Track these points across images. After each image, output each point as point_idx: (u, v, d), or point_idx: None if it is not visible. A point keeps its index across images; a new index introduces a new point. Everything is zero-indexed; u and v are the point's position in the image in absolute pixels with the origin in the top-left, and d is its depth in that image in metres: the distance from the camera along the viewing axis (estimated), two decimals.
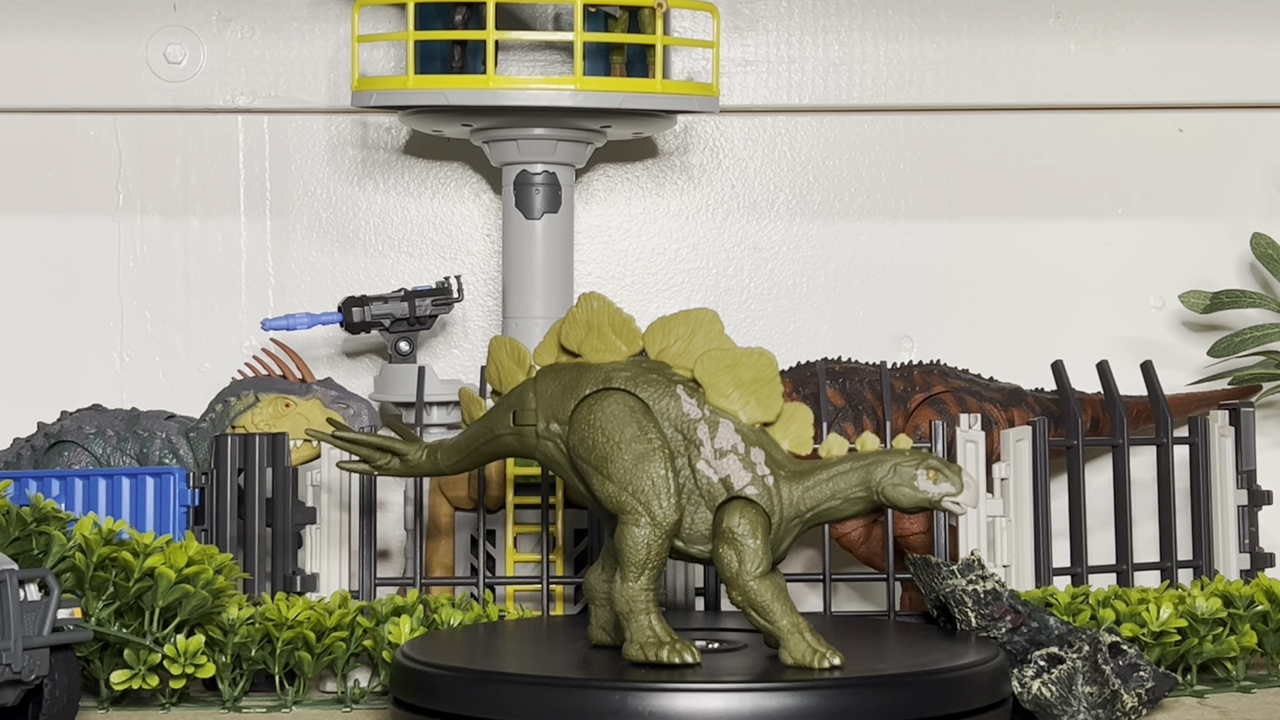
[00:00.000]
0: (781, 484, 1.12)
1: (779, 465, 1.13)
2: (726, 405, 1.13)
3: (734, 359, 1.13)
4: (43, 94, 1.59)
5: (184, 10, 1.59)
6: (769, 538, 1.12)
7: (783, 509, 1.12)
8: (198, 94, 1.60)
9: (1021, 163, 1.62)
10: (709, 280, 1.62)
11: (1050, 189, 1.62)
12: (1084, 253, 1.62)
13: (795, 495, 1.12)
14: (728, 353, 1.14)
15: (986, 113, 1.61)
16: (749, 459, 1.12)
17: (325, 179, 1.61)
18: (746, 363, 1.13)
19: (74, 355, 1.61)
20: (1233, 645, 1.31)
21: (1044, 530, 1.37)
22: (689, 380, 1.14)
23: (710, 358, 1.14)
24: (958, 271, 1.62)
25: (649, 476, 1.11)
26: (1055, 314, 1.62)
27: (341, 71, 1.59)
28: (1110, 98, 1.61)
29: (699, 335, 1.15)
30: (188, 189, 1.61)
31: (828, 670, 1.10)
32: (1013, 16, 1.60)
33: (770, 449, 1.13)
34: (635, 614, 1.13)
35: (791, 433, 1.14)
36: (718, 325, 1.15)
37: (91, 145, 1.61)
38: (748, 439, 1.13)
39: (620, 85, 1.41)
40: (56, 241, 1.61)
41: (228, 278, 1.61)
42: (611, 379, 1.14)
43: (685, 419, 1.13)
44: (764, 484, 1.12)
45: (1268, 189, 1.61)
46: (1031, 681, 1.19)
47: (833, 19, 1.60)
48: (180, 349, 1.61)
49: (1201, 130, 1.62)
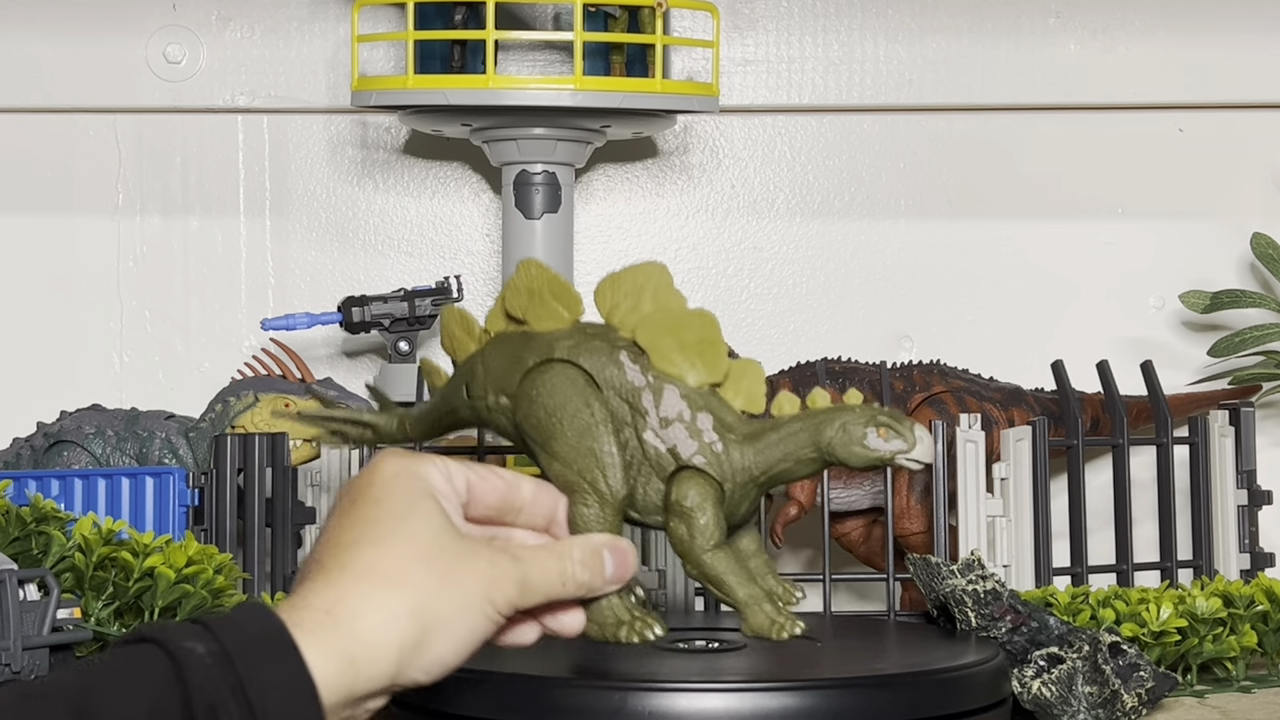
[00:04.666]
0: (732, 448, 1.05)
1: (729, 429, 1.06)
2: (671, 370, 1.06)
3: (675, 321, 1.07)
4: (42, 94, 1.59)
5: (183, 10, 1.59)
6: (721, 507, 1.06)
7: (735, 475, 1.06)
8: (197, 94, 1.60)
9: (1022, 163, 1.62)
10: (709, 280, 1.62)
11: (1050, 189, 1.62)
12: (1084, 253, 1.62)
13: (747, 459, 1.06)
14: (668, 314, 1.07)
15: (986, 113, 1.61)
16: (695, 426, 1.05)
17: (325, 179, 1.61)
18: (688, 324, 1.07)
19: (73, 355, 1.61)
20: (1233, 645, 1.31)
21: (1044, 530, 1.37)
22: (633, 345, 1.07)
23: (651, 321, 1.07)
24: (958, 271, 1.62)
25: (592, 453, 1.06)
26: (1055, 314, 1.62)
27: (341, 71, 1.59)
28: (1110, 98, 1.61)
29: (647, 293, 1.08)
30: (187, 189, 1.61)
31: (786, 639, 1.06)
32: (1013, 16, 1.60)
33: (720, 412, 1.06)
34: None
35: (743, 390, 1.07)
36: (666, 279, 1.08)
37: (91, 145, 1.61)
38: (694, 404, 1.06)
39: (620, 85, 1.41)
40: (56, 241, 1.61)
41: (227, 278, 1.61)
42: (554, 349, 1.08)
43: (630, 387, 1.06)
44: (712, 451, 1.05)
45: (1268, 189, 1.61)
46: (1031, 681, 1.19)
47: (832, 19, 1.60)
48: (180, 349, 1.61)
49: (1202, 130, 1.62)
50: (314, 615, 0.87)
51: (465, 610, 0.91)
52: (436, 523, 0.93)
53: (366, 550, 0.91)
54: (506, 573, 0.93)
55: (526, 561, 0.96)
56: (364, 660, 0.87)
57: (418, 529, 0.92)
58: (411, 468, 0.95)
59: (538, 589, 0.95)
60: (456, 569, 0.92)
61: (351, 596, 0.88)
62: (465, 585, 0.91)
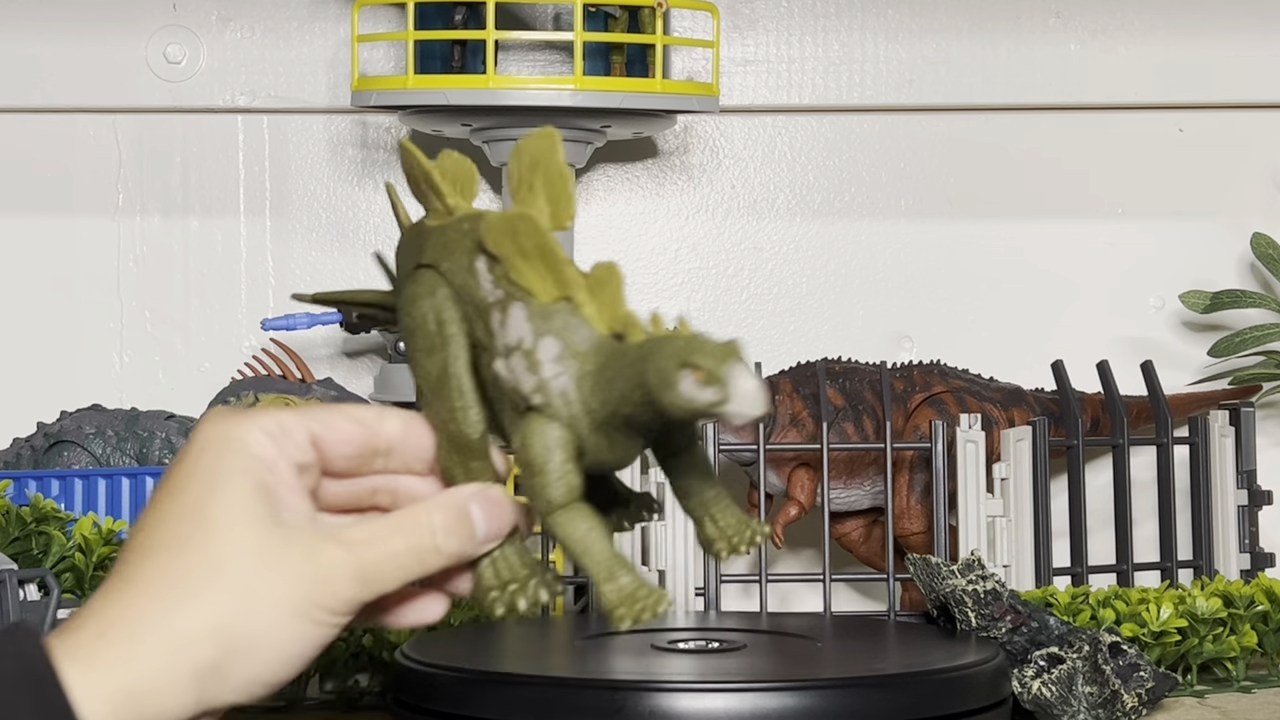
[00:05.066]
0: (583, 382, 0.84)
1: (582, 357, 0.84)
2: (521, 281, 0.85)
3: (512, 224, 0.85)
4: (41, 94, 1.59)
5: (183, 10, 1.59)
6: (573, 457, 0.84)
7: (584, 417, 0.84)
8: (197, 94, 1.60)
9: (1022, 162, 1.62)
10: (709, 280, 1.62)
11: (1050, 189, 1.62)
12: (1084, 253, 1.62)
13: (594, 396, 0.84)
14: (508, 216, 0.85)
15: (987, 112, 1.61)
16: (534, 357, 0.84)
17: (325, 179, 1.61)
18: (524, 228, 0.85)
19: (73, 355, 1.61)
20: (1233, 645, 1.31)
21: (1044, 530, 1.37)
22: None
23: (497, 222, 0.86)
24: (958, 271, 1.62)
25: (444, 385, 0.87)
26: (1055, 314, 1.62)
27: (341, 71, 1.59)
28: (1111, 97, 1.60)
29: (539, 171, 0.87)
30: (187, 189, 1.61)
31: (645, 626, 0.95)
32: (1013, 16, 1.60)
33: (569, 335, 0.84)
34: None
35: (605, 303, 0.85)
36: (556, 152, 0.86)
37: (91, 145, 1.61)
38: (538, 328, 0.85)
39: (620, 85, 1.41)
40: (55, 242, 1.61)
41: (227, 277, 1.61)
42: (424, 250, 0.89)
43: (483, 303, 0.86)
44: (552, 388, 0.84)
45: (1268, 189, 1.61)
46: (1031, 681, 1.19)
47: (833, 19, 1.60)
48: (180, 349, 1.61)
49: (1202, 130, 1.61)
50: (86, 641, 0.73)
51: (281, 620, 0.76)
52: (241, 513, 0.77)
53: (154, 557, 0.76)
54: (335, 567, 0.77)
55: (363, 546, 0.79)
56: (148, 694, 0.73)
57: (217, 525, 0.76)
58: (226, 437, 0.78)
59: (387, 576, 0.79)
60: (266, 572, 0.76)
61: (131, 617, 0.74)
62: (278, 591, 0.76)
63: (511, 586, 0.85)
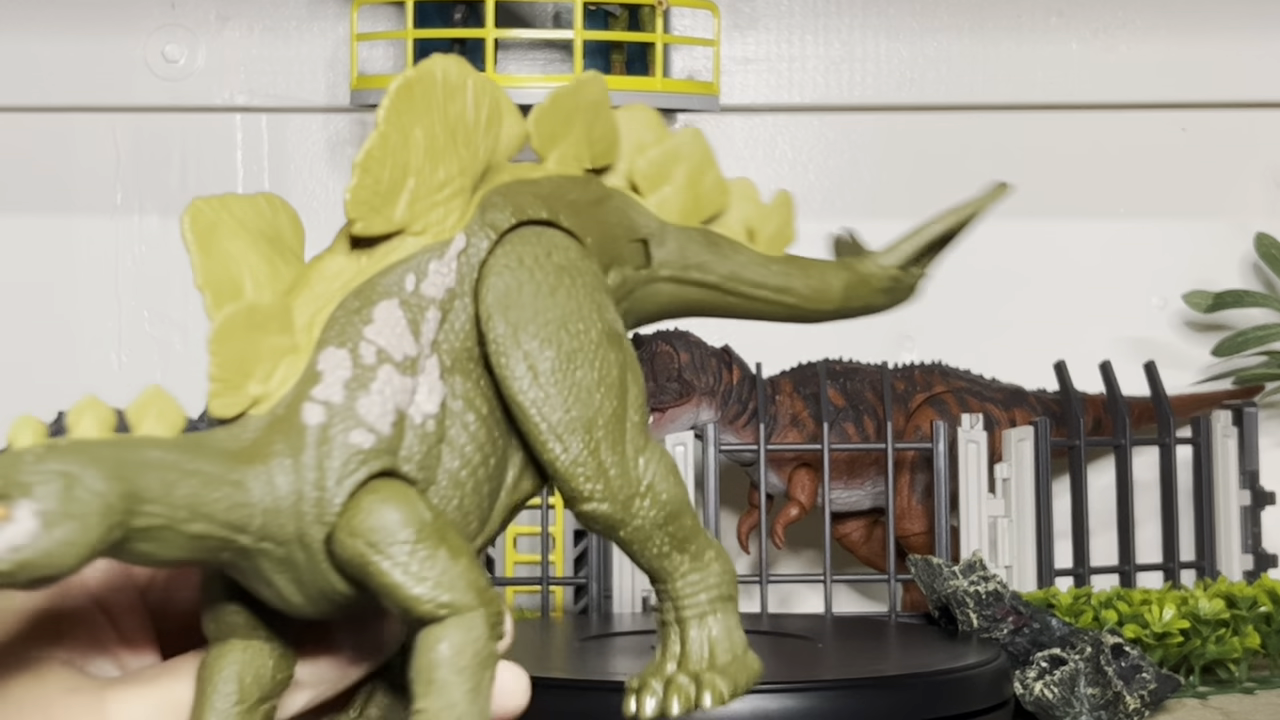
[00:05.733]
0: None
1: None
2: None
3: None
4: (40, 92, 1.59)
5: (182, 9, 1.59)
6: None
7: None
8: (196, 93, 1.59)
9: (1023, 162, 1.61)
10: None
11: (1052, 188, 1.61)
12: (1085, 252, 1.61)
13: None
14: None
15: (988, 111, 1.61)
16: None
17: (324, 178, 1.61)
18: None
19: (72, 355, 1.60)
20: (1235, 646, 1.30)
21: (1046, 531, 1.37)
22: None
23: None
24: (959, 271, 1.61)
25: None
26: (1057, 314, 1.61)
27: (340, 70, 1.59)
28: (1112, 97, 1.60)
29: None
30: (186, 188, 1.61)
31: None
32: (1014, 15, 1.59)
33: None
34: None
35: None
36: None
37: (89, 144, 1.60)
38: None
39: (620, 84, 1.40)
40: (54, 241, 1.61)
41: None
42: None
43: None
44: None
45: (1271, 188, 1.61)
46: (1034, 683, 1.18)
47: (833, 17, 1.60)
48: (179, 349, 1.60)
49: (1205, 129, 1.61)
50: None
51: None
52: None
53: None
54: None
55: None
56: None
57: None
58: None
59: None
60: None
61: None
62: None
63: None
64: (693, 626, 0.67)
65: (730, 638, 0.67)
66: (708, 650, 0.67)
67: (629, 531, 0.65)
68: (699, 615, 0.67)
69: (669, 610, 0.67)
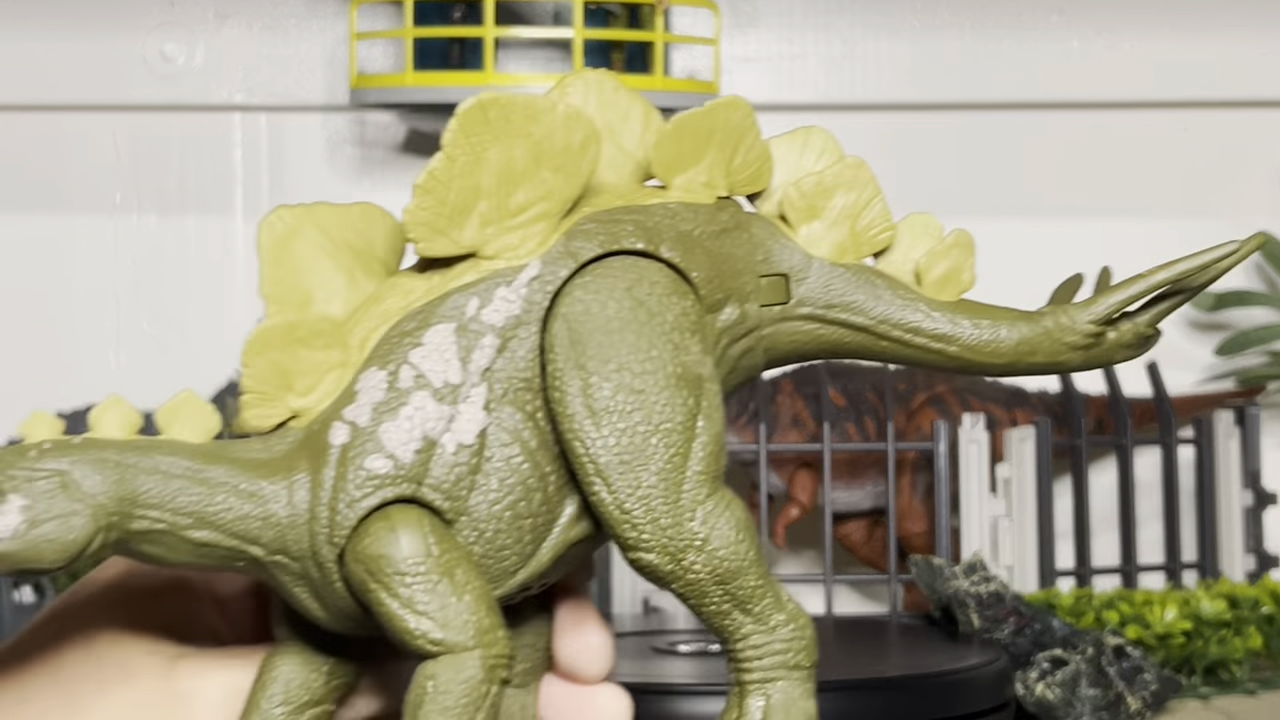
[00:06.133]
0: None
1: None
2: None
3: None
4: (38, 91, 1.59)
5: (180, 7, 1.58)
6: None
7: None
8: (194, 91, 1.59)
9: (1024, 161, 1.61)
10: None
11: (1053, 187, 1.61)
12: (1087, 252, 1.61)
13: None
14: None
15: (989, 110, 1.61)
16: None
17: (323, 177, 1.60)
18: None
19: (70, 355, 1.60)
20: (1238, 647, 1.30)
21: (1047, 531, 1.36)
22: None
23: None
24: None
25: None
26: None
27: (339, 68, 1.58)
28: (1114, 95, 1.60)
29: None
30: (184, 187, 1.60)
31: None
32: (1016, 13, 1.59)
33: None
34: None
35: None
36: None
37: (87, 143, 1.60)
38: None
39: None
40: (52, 240, 1.60)
41: (225, 276, 1.60)
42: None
43: None
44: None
45: (1273, 187, 1.60)
46: (1035, 684, 1.18)
47: (834, 15, 1.59)
48: (177, 349, 1.60)
49: (1207, 128, 1.61)
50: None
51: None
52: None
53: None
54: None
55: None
56: None
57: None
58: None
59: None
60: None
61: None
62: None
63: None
64: (751, 693, 0.65)
65: (789, 710, 0.65)
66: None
67: (681, 585, 0.62)
68: (759, 682, 0.65)
69: (731, 671, 0.64)
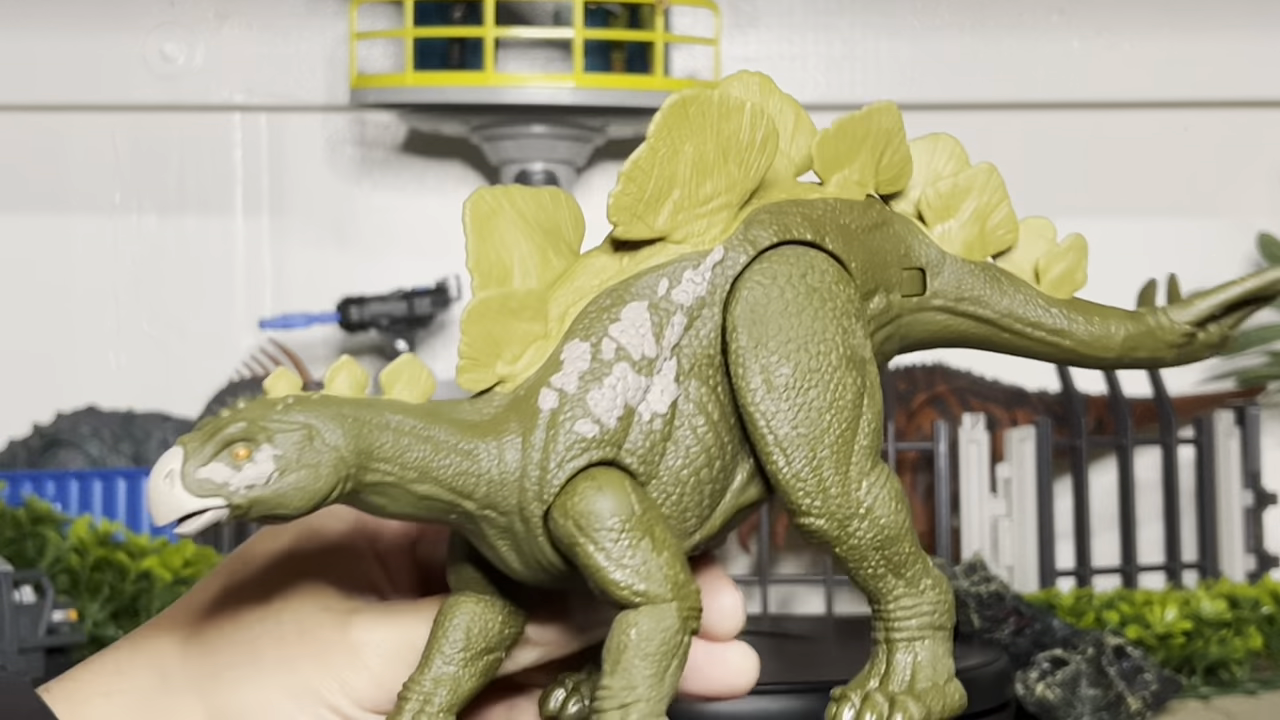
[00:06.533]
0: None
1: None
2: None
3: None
4: (38, 91, 1.59)
5: (180, 7, 1.58)
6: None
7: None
8: (194, 91, 1.59)
9: (1025, 161, 1.61)
10: None
11: (1053, 187, 1.61)
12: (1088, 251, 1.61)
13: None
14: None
15: (989, 110, 1.61)
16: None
17: (323, 177, 1.60)
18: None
19: (70, 355, 1.60)
20: (1238, 647, 1.30)
21: (1048, 532, 1.36)
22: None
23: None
24: None
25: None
26: None
27: (339, 68, 1.58)
28: (1114, 95, 1.60)
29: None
30: (184, 187, 1.60)
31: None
32: (1016, 13, 1.59)
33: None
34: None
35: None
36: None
37: (87, 143, 1.60)
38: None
39: (620, 83, 1.40)
40: (52, 240, 1.60)
41: (225, 276, 1.60)
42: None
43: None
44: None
45: (1274, 187, 1.60)
46: (1035, 684, 1.18)
47: (834, 16, 1.59)
48: (177, 349, 1.60)
49: (1207, 128, 1.61)
50: (88, 698, 0.69)
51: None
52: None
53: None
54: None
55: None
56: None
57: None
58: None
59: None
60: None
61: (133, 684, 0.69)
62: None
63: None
64: (899, 650, 0.70)
65: (934, 665, 0.70)
66: (910, 674, 0.70)
67: (844, 549, 0.68)
68: (907, 640, 0.70)
69: (880, 630, 0.70)
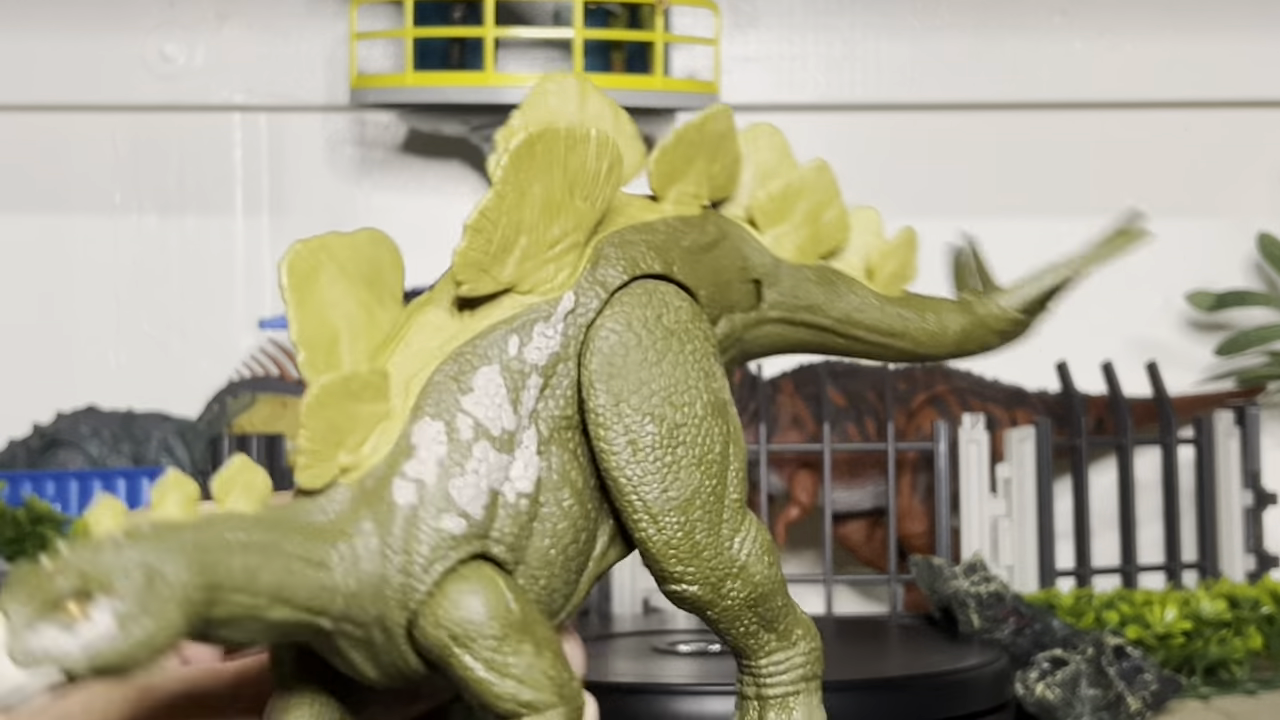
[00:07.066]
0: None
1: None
2: None
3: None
4: (37, 91, 1.58)
5: (180, 7, 1.58)
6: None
7: None
8: (194, 91, 1.59)
9: (1025, 161, 1.61)
10: None
11: (1054, 187, 1.61)
12: None
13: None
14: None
15: (989, 110, 1.60)
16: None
17: (323, 177, 1.60)
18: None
19: (69, 355, 1.60)
20: (1238, 648, 1.30)
21: (1047, 532, 1.36)
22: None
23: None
24: None
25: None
26: (1060, 314, 1.60)
27: (339, 68, 1.58)
28: (1116, 95, 1.60)
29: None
30: (184, 187, 1.60)
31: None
32: (1017, 14, 1.59)
33: None
34: None
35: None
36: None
37: (87, 143, 1.60)
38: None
39: (620, 83, 1.40)
40: (51, 240, 1.60)
41: (224, 277, 1.60)
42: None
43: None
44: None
45: (1275, 187, 1.60)
46: (1035, 684, 1.18)
47: (835, 15, 1.59)
48: (177, 349, 1.60)
49: (1208, 129, 1.61)
50: None
51: None
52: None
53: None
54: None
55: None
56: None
57: None
58: None
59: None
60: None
61: None
62: None
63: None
64: (773, 708, 0.67)
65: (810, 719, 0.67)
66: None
67: (717, 612, 0.64)
68: (781, 696, 0.67)
69: (749, 685, 0.66)
